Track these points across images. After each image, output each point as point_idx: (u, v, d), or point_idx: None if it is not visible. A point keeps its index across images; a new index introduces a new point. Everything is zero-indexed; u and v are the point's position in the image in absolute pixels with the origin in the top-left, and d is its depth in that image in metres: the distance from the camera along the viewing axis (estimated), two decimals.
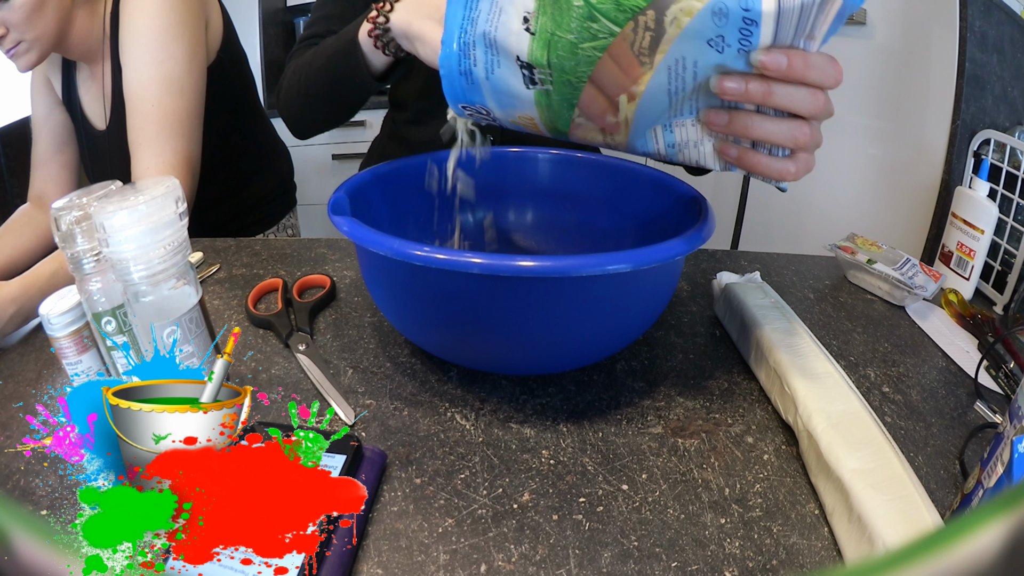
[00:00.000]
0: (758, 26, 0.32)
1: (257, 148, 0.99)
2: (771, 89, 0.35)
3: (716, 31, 0.33)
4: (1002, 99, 1.18)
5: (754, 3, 0.31)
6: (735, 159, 0.39)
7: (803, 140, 0.37)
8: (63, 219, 0.40)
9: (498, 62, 0.40)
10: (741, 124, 0.37)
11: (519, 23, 0.38)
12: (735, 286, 0.57)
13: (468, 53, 0.40)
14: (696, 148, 0.40)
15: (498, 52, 0.39)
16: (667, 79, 0.36)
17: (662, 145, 0.41)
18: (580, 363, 0.49)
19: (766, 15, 0.32)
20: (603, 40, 0.36)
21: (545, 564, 0.35)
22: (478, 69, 0.40)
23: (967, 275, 0.65)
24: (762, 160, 0.38)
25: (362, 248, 0.44)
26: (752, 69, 0.34)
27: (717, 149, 0.40)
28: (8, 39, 0.69)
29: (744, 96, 0.35)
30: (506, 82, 0.40)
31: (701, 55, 0.34)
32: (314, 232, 1.51)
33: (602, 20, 0.35)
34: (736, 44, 0.33)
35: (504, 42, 0.39)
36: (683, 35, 0.34)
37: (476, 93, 0.42)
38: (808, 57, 0.34)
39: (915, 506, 0.34)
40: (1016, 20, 1.16)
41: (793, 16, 0.32)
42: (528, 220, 0.64)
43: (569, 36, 0.36)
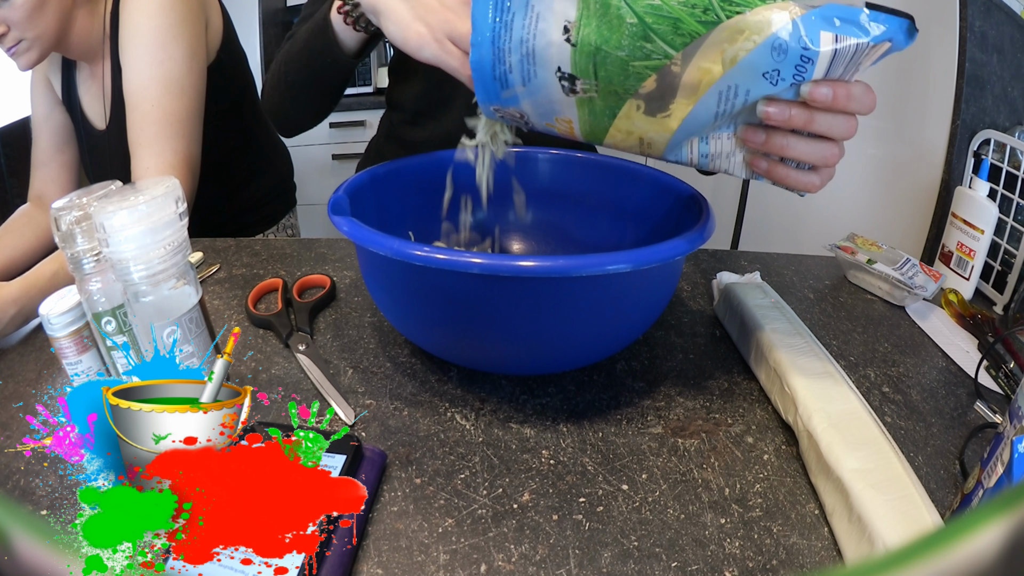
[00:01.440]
0: (814, 64, 0.34)
1: (257, 148, 0.99)
2: (813, 117, 0.36)
3: (773, 65, 0.34)
4: (1002, 99, 1.18)
5: (813, 43, 0.33)
6: (764, 171, 0.41)
7: (832, 160, 0.39)
8: (63, 219, 0.40)
9: (535, 71, 0.39)
10: (777, 144, 0.38)
11: (559, 33, 0.37)
12: (735, 286, 0.57)
13: (503, 59, 0.39)
14: (728, 159, 0.42)
15: (535, 62, 0.38)
16: (716, 103, 0.37)
17: (695, 155, 0.42)
18: (580, 363, 0.49)
19: (823, 55, 0.33)
20: (657, 61, 0.36)
21: (545, 564, 0.35)
22: (514, 75, 0.40)
23: (967, 275, 0.65)
24: (791, 174, 0.40)
25: (362, 248, 0.44)
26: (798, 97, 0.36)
27: (747, 161, 0.41)
28: (9, 37, 0.69)
29: (787, 123, 0.37)
30: (545, 89, 0.40)
31: (754, 85, 0.36)
32: (314, 232, 1.51)
33: (657, 41, 0.35)
34: (790, 79, 0.35)
35: (543, 53, 0.38)
36: (740, 65, 0.34)
37: (511, 97, 0.41)
38: (851, 88, 0.35)
39: (915, 506, 0.34)
40: (1016, 20, 1.16)
41: (847, 57, 0.34)
42: (528, 220, 0.64)
43: (619, 53, 0.36)
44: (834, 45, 0.33)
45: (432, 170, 0.60)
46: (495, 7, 0.38)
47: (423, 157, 0.59)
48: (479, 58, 0.40)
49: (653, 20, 0.35)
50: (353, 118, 1.86)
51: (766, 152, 0.40)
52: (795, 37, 0.33)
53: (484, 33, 0.39)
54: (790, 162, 0.40)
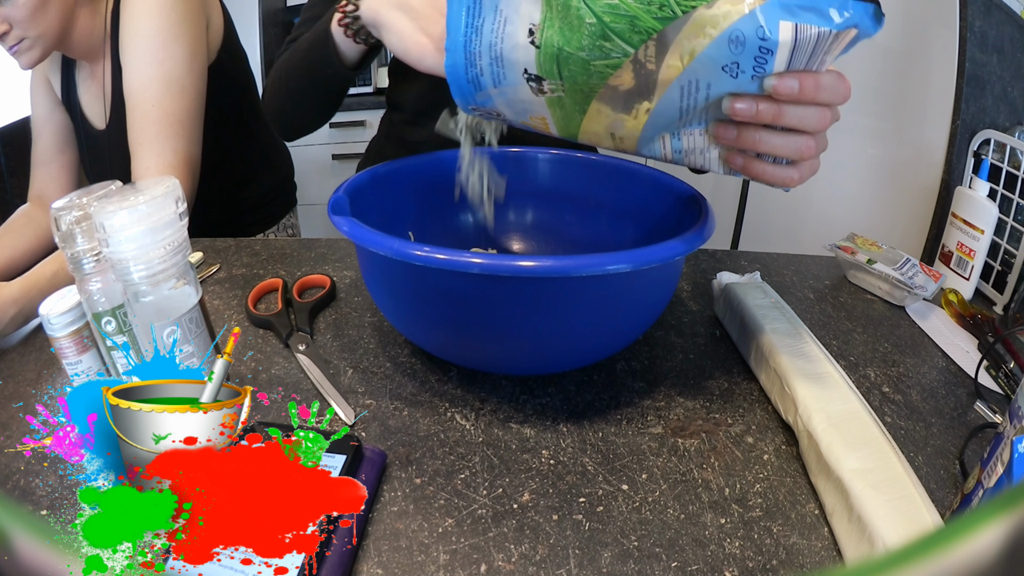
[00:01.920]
0: (773, 55, 0.33)
1: (257, 148, 0.99)
2: (781, 110, 0.36)
3: (731, 58, 0.34)
4: (1002, 99, 1.18)
5: (771, 33, 0.32)
6: (740, 167, 0.40)
7: (808, 153, 0.38)
8: (63, 219, 0.40)
9: (504, 74, 0.40)
10: (749, 139, 0.38)
11: (525, 36, 0.37)
12: (735, 286, 0.57)
13: (474, 62, 0.40)
14: (702, 155, 0.41)
15: (504, 65, 0.39)
16: (679, 97, 0.37)
17: (669, 150, 0.42)
18: (580, 363, 0.49)
19: (783, 45, 0.32)
20: (616, 59, 0.36)
21: (545, 564, 0.35)
22: (485, 78, 0.40)
23: (967, 275, 0.65)
24: (767, 169, 0.39)
25: (362, 248, 0.44)
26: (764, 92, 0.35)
27: (723, 157, 0.41)
28: (11, 36, 0.69)
29: (754, 118, 0.36)
30: (515, 90, 0.40)
31: (715, 79, 0.35)
32: (314, 232, 1.51)
33: (615, 40, 0.35)
34: (750, 71, 0.34)
35: (510, 56, 0.38)
36: (698, 59, 0.34)
37: (485, 98, 0.42)
38: (819, 79, 0.34)
39: (915, 506, 0.34)
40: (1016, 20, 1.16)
41: (808, 45, 0.33)
42: (528, 220, 0.64)
43: (580, 53, 0.36)
44: (794, 34, 0.32)
45: (432, 170, 0.60)
46: (467, 12, 0.39)
47: (423, 157, 0.59)
48: (452, 62, 0.40)
49: (611, 19, 0.35)
50: (353, 118, 1.86)
51: (739, 148, 0.39)
52: (752, 28, 0.32)
53: (457, 39, 0.39)
54: (767, 157, 0.39)
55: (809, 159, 0.38)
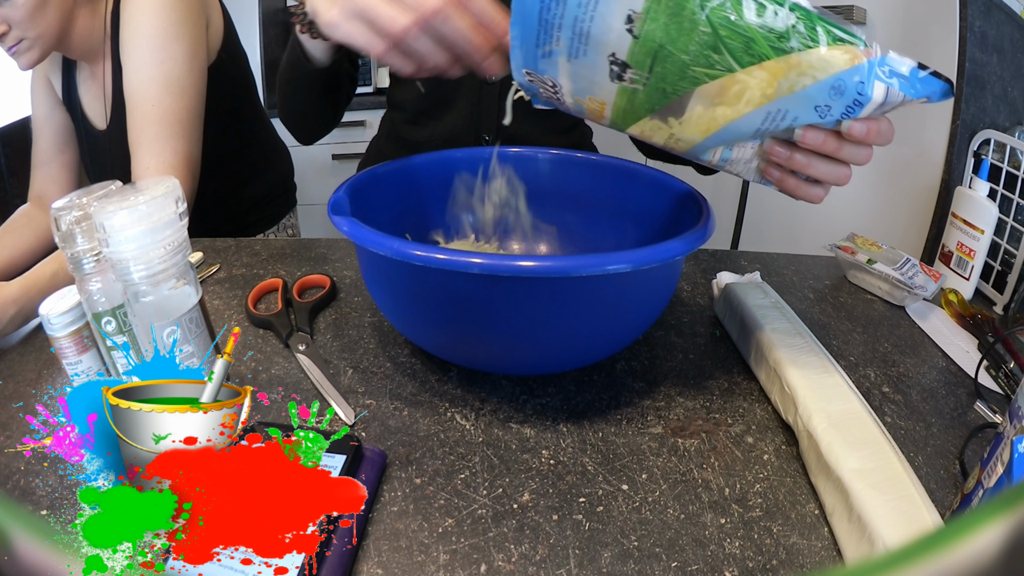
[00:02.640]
0: (862, 108, 0.36)
1: (257, 148, 0.99)
2: (841, 147, 0.39)
3: (827, 101, 0.36)
4: (1002, 99, 1.18)
5: (867, 91, 0.35)
6: (776, 180, 0.43)
7: (844, 181, 0.41)
8: (63, 219, 0.40)
9: (585, 51, 0.38)
10: (799, 163, 0.40)
11: (621, 22, 0.36)
12: (735, 286, 0.57)
13: (550, 33, 0.38)
14: (745, 165, 0.43)
15: (588, 43, 0.38)
16: (761, 121, 0.38)
17: (717, 158, 0.43)
18: (580, 363, 0.49)
19: (873, 102, 0.36)
20: (718, 72, 0.36)
21: (545, 564, 0.35)
22: (560, 49, 0.39)
23: (967, 275, 0.65)
24: (801, 186, 0.42)
25: (362, 248, 0.44)
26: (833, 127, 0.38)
27: (760, 169, 0.43)
28: (10, 36, 0.69)
29: (819, 148, 0.39)
30: (590, 69, 0.39)
31: (803, 113, 0.37)
32: (314, 232, 1.51)
33: (725, 55, 0.35)
34: (838, 115, 0.37)
35: (599, 37, 0.37)
36: (796, 95, 0.36)
37: (551, 68, 0.41)
38: (880, 126, 0.38)
39: (915, 506, 0.34)
40: (1016, 20, 1.16)
41: (890, 105, 0.36)
42: (528, 220, 0.64)
43: (683, 56, 0.36)
44: (884, 95, 0.35)
45: (432, 170, 0.60)
46: None
47: (423, 157, 0.60)
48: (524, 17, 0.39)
49: (727, 34, 0.35)
50: (353, 118, 1.86)
51: (787, 168, 0.42)
52: (854, 82, 0.35)
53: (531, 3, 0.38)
54: (800, 175, 0.42)
55: (842, 185, 0.42)
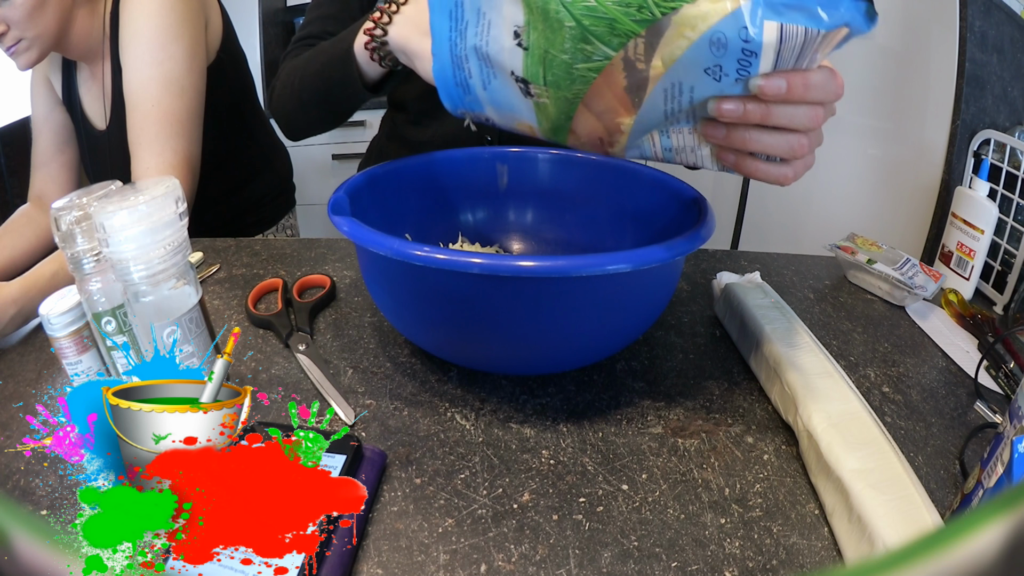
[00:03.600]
0: (758, 57, 0.31)
1: (257, 148, 0.99)
2: (770, 111, 0.34)
3: (713, 61, 0.32)
4: (1002, 99, 1.18)
5: (755, 35, 0.30)
6: (732, 165, 0.39)
7: (801, 151, 0.36)
8: (63, 219, 0.40)
9: (494, 74, 0.39)
10: (738, 139, 0.37)
11: (510, 38, 0.37)
12: (735, 286, 0.57)
13: (462, 65, 0.40)
14: (693, 152, 0.40)
15: (492, 66, 0.39)
16: (662, 101, 0.36)
17: (659, 149, 0.41)
18: (580, 363, 0.49)
19: (767, 46, 0.31)
20: (598, 63, 0.35)
21: (545, 564, 0.35)
22: (474, 81, 0.40)
23: (967, 275, 0.65)
24: (760, 166, 0.38)
25: (362, 248, 0.44)
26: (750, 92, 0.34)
27: (715, 154, 0.40)
28: (9, 37, 0.69)
29: (742, 119, 0.35)
30: (504, 92, 0.40)
31: (697, 82, 0.34)
32: (314, 232, 1.51)
33: (596, 43, 0.35)
34: (734, 74, 0.33)
35: (497, 57, 0.38)
36: (679, 62, 0.33)
37: (474, 103, 0.42)
38: (808, 77, 0.33)
39: (915, 506, 0.34)
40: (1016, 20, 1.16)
41: (796, 46, 0.31)
42: (528, 220, 0.64)
43: (563, 56, 0.36)
44: (779, 35, 0.30)
45: (432, 170, 0.60)
46: (450, 16, 0.39)
47: (423, 157, 0.59)
48: (440, 67, 0.40)
49: (590, 22, 0.34)
50: (353, 118, 1.85)
51: (729, 147, 0.38)
52: (735, 29, 0.30)
53: (443, 43, 0.39)
54: (760, 154, 0.38)
55: (803, 157, 0.37)
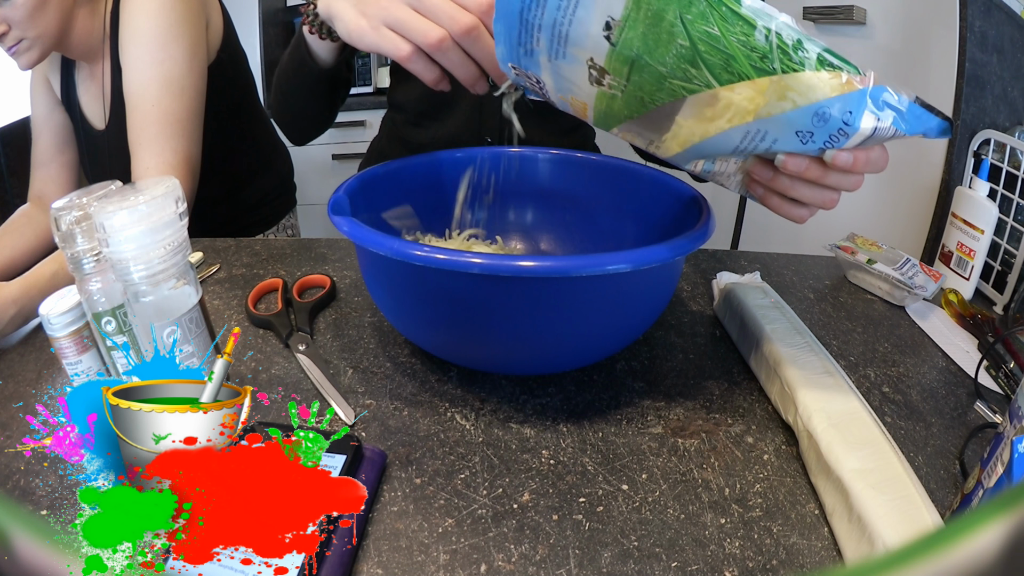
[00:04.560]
0: (848, 139, 0.34)
1: (257, 148, 0.99)
2: (826, 174, 0.37)
3: (809, 128, 0.34)
4: (1002, 99, 1.18)
5: (855, 121, 0.33)
6: (759, 196, 0.42)
7: (830, 206, 0.40)
8: (63, 219, 0.40)
9: (564, 54, 0.38)
10: (782, 184, 0.39)
11: (599, 27, 0.35)
12: (735, 286, 0.57)
13: (532, 33, 0.38)
14: (729, 178, 0.42)
15: (566, 45, 0.37)
16: (739, 139, 0.37)
17: (700, 169, 0.42)
18: (580, 363, 0.49)
19: (861, 133, 0.33)
20: (695, 87, 0.35)
21: (545, 564, 0.35)
22: (540, 49, 0.38)
23: (967, 275, 0.65)
24: (783, 205, 0.41)
25: (362, 248, 0.44)
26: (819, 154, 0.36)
27: (745, 183, 0.42)
28: (10, 37, 0.69)
29: (801, 176, 0.37)
30: (570, 71, 0.39)
31: (783, 137, 0.35)
32: (314, 232, 1.51)
33: (703, 70, 0.34)
34: (821, 143, 0.35)
35: (577, 41, 0.37)
36: (775, 118, 0.34)
37: (534, 65, 0.40)
38: (869, 154, 0.36)
39: (915, 506, 0.34)
40: (1016, 20, 1.16)
41: (880, 139, 0.34)
42: (528, 220, 0.64)
43: (660, 68, 0.35)
44: (875, 125, 0.33)
45: (432, 171, 0.60)
46: None
47: (423, 157, 0.59)
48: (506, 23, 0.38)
49: (706, 49, 0.33)
50: (353, 118, 1.86)
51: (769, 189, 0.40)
52: (841, 111, 0.33)
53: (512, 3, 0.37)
54: None
55: (829, 209, 0.40)
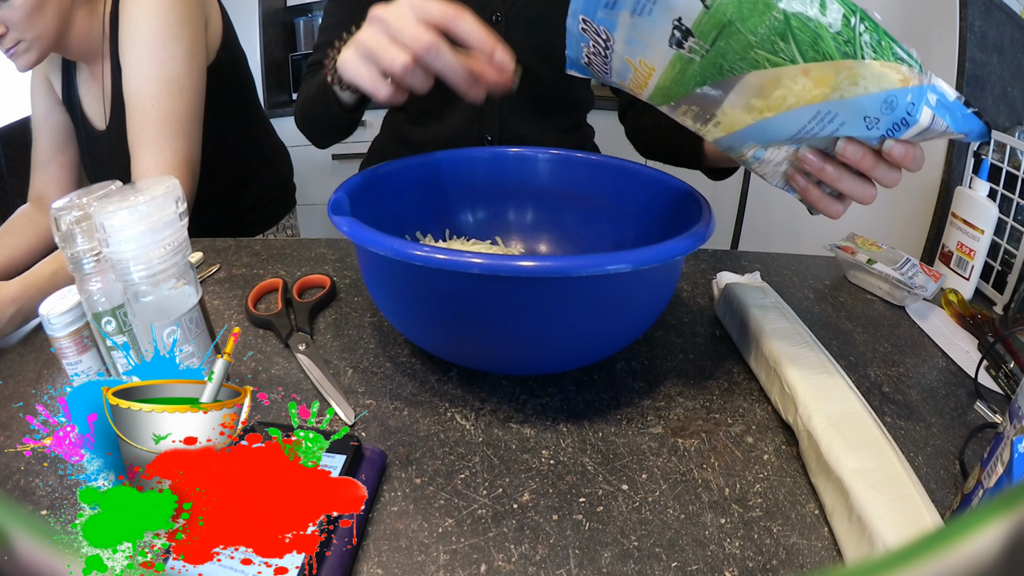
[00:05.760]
0: (908, 128, 0.37)
1: (257, 148, 0.99)
2: (876, 165, 0.40)
3: (877, 114, 0.37)
4: (1002, 99, 1.18)
5: (916, 113, 0.36)
6: (801, 189, 0.43)
7: (868, 200, 0.42)
8: (63, 219, 0.40)
9: (652, 10, 0.38)
10: (831, 174, 0.41)
11: None
12: (735, 286, 0.57)
13: None
14: (773, 168, 0.43)
15: (656, 2, 0.37)
16: (808, 119, 0.38)
17: (748, 155, 0.43)
18: (580, 363, 0.49)
19: (919, 125, 0.37)
20: (780, 60, 0.36)
21: (545, 564, 0.35)
22: (626, 2, 0.38)
23: (967, 275, 0.65)
24: (824, 199, 0.43)
25: (362, 248, 0.44)
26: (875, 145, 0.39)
27: (787, 174, 0.43)
28: (8, 38, 0.69)
29: (855, 163, 0.40)
30: (650, 29, 0.39)
31: (851, 121, 0.38)
32: (314, 232, 1.51)
33: (791, 44, 0.36)
34: (883, 131, 0.38)
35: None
36: (848, 101, 0.37)
37: (610, 19, 0.40)
38: (916, 151, 0.39)
39: (915, 506, 0.34)
40: (1016, 20, 1.16)
41: (932, 132, 0.37)
42: (528, 220, 0.64)
43: (751, 36, 0.36)
44: (930, 121, 0.36)
45: (432, 170, 0.60)
46: None
47: (423, 157, 0.60)
48: None
49: (797, 24, 0.35)
50: None
51: (817, 178, 0.42)
52: (906, 102, 0.36)
53: None
54: (826, 187, 0.42)
55: (866, 204, 0.42)
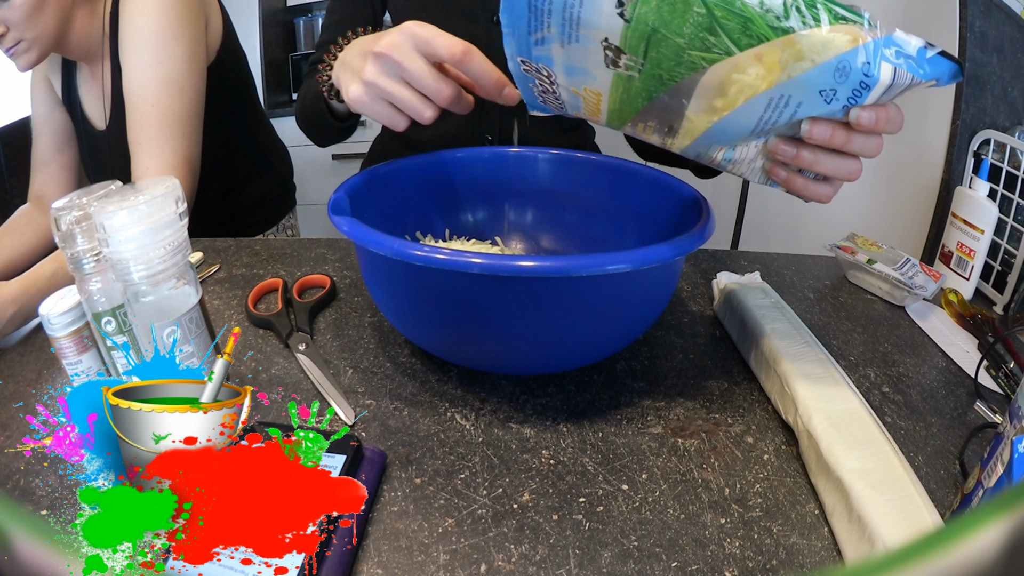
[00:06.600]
0: (870, 91, 0.34)
1: (257, 148, 0.99)
2: (850, 138, 0.37)
3: (832, 85, 0.34)
4: (1002, 99, 1.18)
5: (874, 72, 0.34)
6: (783, 180, 0.41)
7: (855, 176, 0.39)
8: (63, 219, 0.40)
9: (577, 36, 0.37)
10: (806, 160, 0.39)
11: (611, 5, 0.35)
12: (735, 286, 0.57)
13: (541, 19, 0.37)
14: (748, 165, 0.42)
15: (579, 27, 0.37)
16: (763, 108, 0.36)
17: (719, 158, 0.42)
18: (580, 363, 0.49)
19: (881, 84, 0.34)
20: (716, 55, 0.35)
21: (545, 564, 0.35)
22: (552, 35, 0.38)
23: (967, 275, 0.65)
24: (808, 185, 0.41)
25: (362, 248, 0.44)
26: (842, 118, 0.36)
27: (766, 169, 0.42)
28: (8, 38, 0.69)
29: (826, 143, 0.37)
30: (583, 55, 0.38)
31: (807, 99, 0.35)
32: (314, 232, 1.51)
33: (722, 37, 0.34)
34: (844, 100, 0.35)
35: (590, 22, 0.36)
36: (798, 78, 0.34)
37: (545, 55, 0.40)
38: (888, 111, 0.36)
39: (915, 506, 0.34)
40: (1016, 20, 1.16)
41: (898, 88, 0.35)
42: (528, 220, 0.64)
43: (678, 39, 0.35)
44: (892, 77, 0.34)
45: (432, 170, 0.60)
46: None
47: (423, 157, 0.60)
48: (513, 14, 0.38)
49: (722, 14, 0.33)
50: None
51: (795, 166, 0.40)
52: (859, 63, 0.33)
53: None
54: (808, 173, 0.40)
55: (853, 180, 0.40)
